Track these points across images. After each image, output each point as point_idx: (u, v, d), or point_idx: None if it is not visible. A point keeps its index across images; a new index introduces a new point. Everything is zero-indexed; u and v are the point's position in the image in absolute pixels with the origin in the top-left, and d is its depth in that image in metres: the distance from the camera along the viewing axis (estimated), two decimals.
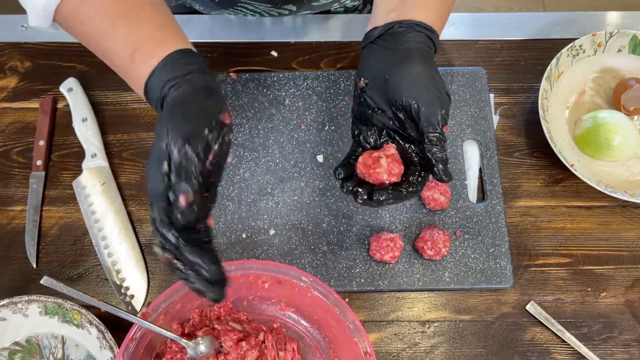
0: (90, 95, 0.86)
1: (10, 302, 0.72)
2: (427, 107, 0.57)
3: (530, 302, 0.76)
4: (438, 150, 0.58)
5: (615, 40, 0.85)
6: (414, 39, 0.59)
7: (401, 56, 0.59)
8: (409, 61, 0.58)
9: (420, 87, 0.57)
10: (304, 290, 0.68)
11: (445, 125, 0.58)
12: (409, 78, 0.58)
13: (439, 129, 0.57)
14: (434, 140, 0.57)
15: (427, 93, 0.57)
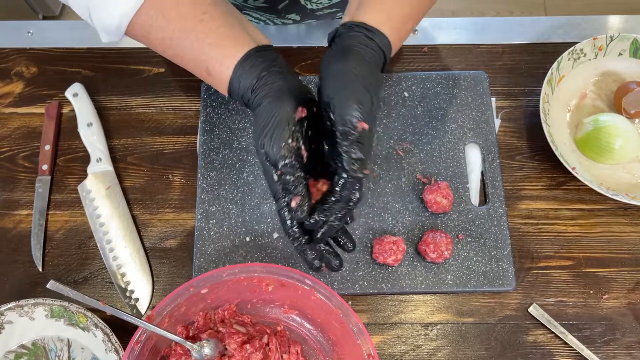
0: (95, 100, 0.87)
1: (17, 305, 0.73)
2: (340, 102, 0.54)
3: (532, 304, 0.77)
4: (347, 144, 0.54)
5: (616, 44, 0.85)
6: (350, 39, 0.59)
7: (333, 56, 0.59)
8: (336, 59, 0.58)
9: (338, 83, 0.56)
10: (307, 293, 0.68)
11: (361, 121, 0.54)
12: (332, 74, 0.57)
13: (350, 125, 0.54)
14: (344, 133, 0.54)
15: (342, 89, 0.55)
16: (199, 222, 0.79)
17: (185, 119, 0.87)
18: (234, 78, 0.58)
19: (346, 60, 0.57)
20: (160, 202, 0.82)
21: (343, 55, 0.58)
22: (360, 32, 0.59)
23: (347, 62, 0.57)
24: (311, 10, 0.81)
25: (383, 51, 0.59)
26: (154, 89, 0.88)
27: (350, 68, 0.56)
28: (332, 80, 0.56)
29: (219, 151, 0.83)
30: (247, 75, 0.58)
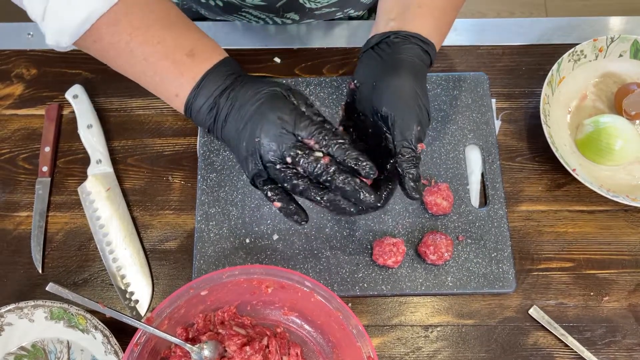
0: (95, 102, 0.87)
1: (17, 307, 0.73)
2: (402, 120, 0.57)
3: (533, 306, 0.76)
4: (409, 166, 0.57)
5: (616, 45, 0.85)
6: (407, 51, 0.60)
7: (391, 67, 0.59)
8: (396, 73, 0.58)
9: (400, 100, 0.57)
10: (307, 295, 0.68)
11: (420, 143, 0.58)
12: (392, 89, 0.58)
13: (412, 145, 0.57)
14: (405, 154, 0.57)
15: (405, 107, 0.57)
16: (199, 223, 0.79)
17: (185, 121, 0.87)
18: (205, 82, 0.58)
19: (406, 76, 0.58)
20: (160, 203, 0.82)
21: (401, 69, 0.58)
22: (417, 45, 0.59)
23: (407, 78, 0.57)
24: (310, 9, 0.81)
25: (432, 62, 0.61)
26: None
27: (410, 85, 0.57)
28: (391, 95, 0.57)
29: (219, 153, 0.83)
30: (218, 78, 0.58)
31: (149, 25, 0.57)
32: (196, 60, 0.57)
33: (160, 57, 0.57)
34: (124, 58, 0.58)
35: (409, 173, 0.57)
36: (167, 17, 0.58)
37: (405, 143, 0.57)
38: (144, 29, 0.57)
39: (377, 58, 0.61)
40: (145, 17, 0.57)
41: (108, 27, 0.56)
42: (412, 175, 0.57)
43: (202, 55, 0.58)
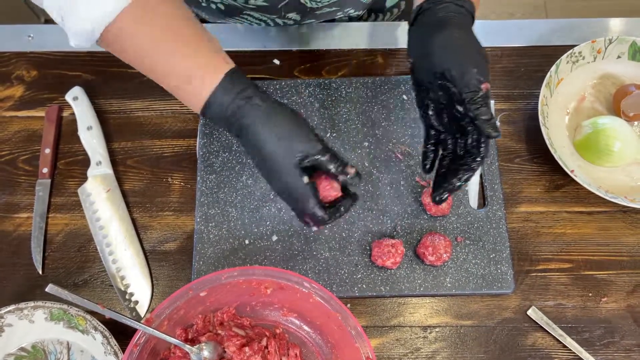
0: (95, 103, 0.87)
1: (17, 308, 0.73)
2: (458, 69, 0.59)
3: (531, 307, 0.77)
4: (477, 107, 0.59)
5: (614, 47, 0.85)
6: (441, 11, 0.62)
7: (431, 30, 0.62)
8: (437, 32, 0.61)
9: (449, 53, 0.60)
10: (306, 296, 0.69)
11: (484, 83, 0.59)
12: (439, 47, 0.60)
13: (473, 87, 0.59)
14: (471, 98, 0.59)
15: (456, 56, 0.60)
16: (199, 225, 0.80)
17: (184, 122, 0.87)
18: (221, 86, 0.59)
19: (447, 30, 0.60)
20: (160, 205, 0.82)
21: (441, 27, 0.61)
22: (449, 3, 0.62)
23: (449, 32, 0.60)
24: (311, 9, 0.81)
25: (472, 14, 0.63)
26: (153, 93, 0.88)
27: (454, 36, 0.60)
28: (441, 52, 0.60)
29: (219, 154, 0.83)
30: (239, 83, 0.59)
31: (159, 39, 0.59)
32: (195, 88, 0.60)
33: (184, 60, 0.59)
34: (141, 59, 0.61)
35: (480, 114, 0.59)
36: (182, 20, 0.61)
37: (466, 89, 0.59)
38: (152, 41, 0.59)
39: (418, 29, 0.64)
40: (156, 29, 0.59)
41: (117, 36, 0.58)
42: (483, 115, 0.59)
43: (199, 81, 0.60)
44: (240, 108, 0.59)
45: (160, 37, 0.59)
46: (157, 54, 0.60)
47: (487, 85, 0.59)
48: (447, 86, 0.61)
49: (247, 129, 0.59)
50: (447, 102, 0.63)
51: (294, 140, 0.59)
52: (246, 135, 0.60)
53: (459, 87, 0.59)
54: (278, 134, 0.59)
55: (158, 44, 0.59)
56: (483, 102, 0.59)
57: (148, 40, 0.59)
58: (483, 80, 0.59)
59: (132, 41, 0.59)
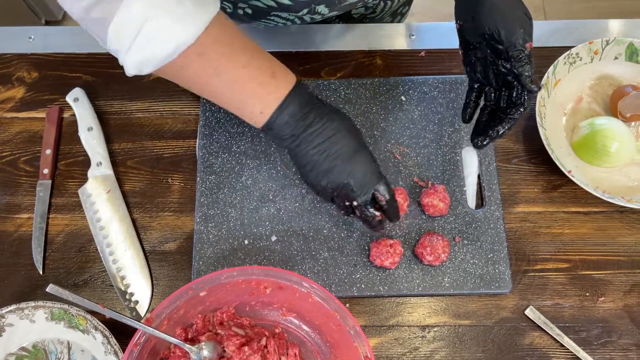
0: (95, 104, 0.88)
1: (17, 308, 0.74)
2: (505, 29, 0.65)
3: (529, 306, 0.77)
4: (520, 64, 0.65)
5: (611, 48, 0.86)
6: None
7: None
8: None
9: (497, 14, 0.65)
10: (305, 296, 0.69)
11: (529, 42, 0.65)
12: (488, 10, 0.66)
13: (519, 46, 0.65)
14: (517, 56, 0.65)
15: (503, 17, 0.65)
16: (198, 225, 0.80)
17: (184, 123, 0.88)
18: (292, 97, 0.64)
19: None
20: (160, 205, 0.83)
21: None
22: None
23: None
24: (339, 1, 0.82)
25: None
26: (153, 94, 0.89)
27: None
28: (489, 14, 0.66)
29: (218, 155, 0.84)
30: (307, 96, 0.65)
31: (234, 52, 0.62)
32: (279, 81, 0.64)
33: (247, 80, 0.63)
34: (210, 83, 0.63)
35: (523, 70, 0.65)
36: (247, 43, 0.64)
37: (513, 47, 0.65)
38: (229, 55, 0.61)
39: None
40: (229, 45, 0.61)
41: (196, 56, 0.59)
42: (526, 72, 0.65)
43: (282, 77, 0.64)
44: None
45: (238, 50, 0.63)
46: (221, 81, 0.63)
47: (530, 44, 0.65)
48: (495, 46, 0.67)
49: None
50: (493, 59, 0.68)
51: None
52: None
53: (506, 46, 0.65)
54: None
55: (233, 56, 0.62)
56: (527, 59, 0.65)
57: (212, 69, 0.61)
58: (528, 40, 0.65)
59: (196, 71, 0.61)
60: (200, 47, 0.58)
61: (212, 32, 0.59)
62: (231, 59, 0.61)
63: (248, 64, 0.63)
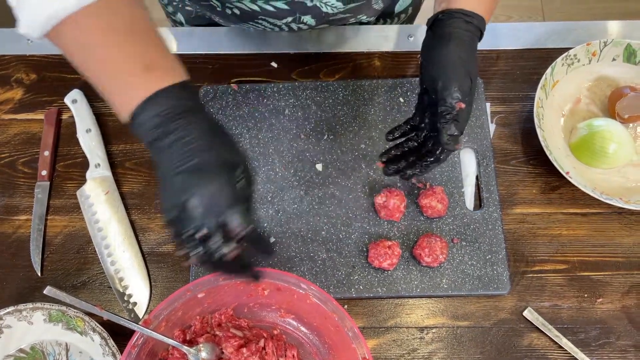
0: (94, 106, 0.88)
1: (15, 310, 0.74)
2: (443, 83, 0.64)
3: (527, 308, 0.77)
4: (445, 121, 0.64)
5: (609, 50, 0.86)
6: (451, 25, 0.66)
7: (435, 41, 0.66)
8: (439, 45, 0.66)
9: (441, 66, 0.65)
10: (303, 297, 0.69)
11: (459, 102, 0.63)
12: (435, 59, 0.65)
13: (448, 104, 0.63)
14: (443, 112, 0.64)
15: (445, 71, 0.64)
16: None
17: None
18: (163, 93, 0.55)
19: (447, 46, 0.65)
20: (158, 207, 0.83)
21: (444, 40, 0.65)
22: (460, 19, 0.65)
23: (448, 48, 0.65)
24: (326, 13, 0.82)
25: (480, 30, 0.67)
26: None
27: (450, 52, 0.64)
28: (434, 65, 0.65)
29: None
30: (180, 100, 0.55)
31: (114, 30, 0.56)
32: (152, 75, 0.56)
33: (117, 64, 0.56)
34: (84, 57, 0.58)
35: (445, 128, 0.64)
36: (134, 26, 0.57)
37: (442, 103, 0.64)
38: (107, 33, 0.56)
39: (429, 37, 0.68)
40: (112, 22, 0.56)
41: (75, 25, 0.56)
42: (448, 130, 0.64)
43: (158, 73, 0.56)
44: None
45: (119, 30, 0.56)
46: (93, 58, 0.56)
47: (461, 105, 0.63)
48: (432, 95, 0.66)
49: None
50: (430, 105, 0.68)
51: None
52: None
53: (438, 100, 0.64)
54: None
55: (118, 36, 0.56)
56: (452, 118, 0.64)
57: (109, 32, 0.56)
58: (459, 99, 0.63)
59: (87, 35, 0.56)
60: (82, 17, 0.55)
61: (99, 5, 0.55)
62: (107, 38, 0.56)
63: (122, 48, 0.56)
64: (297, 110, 0.86)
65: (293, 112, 0.86)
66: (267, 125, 0.86)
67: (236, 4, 0.77)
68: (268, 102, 0.87)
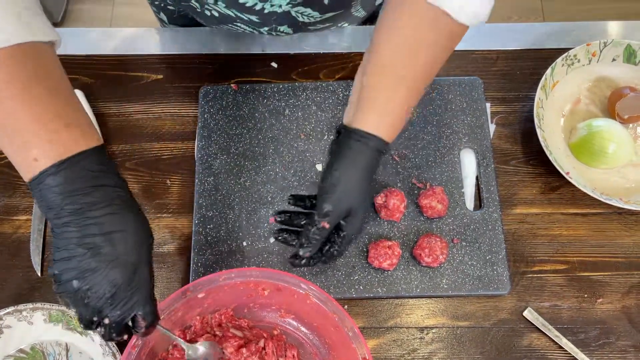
0: (94, 106, 0.88)
1: (16, 310, 0.73)
2: (318, 200, 0.65)
3: (527, 308, 0.77)
4: (304, 235, 0.65)
5: (609, 50, 0.86)
6: (347, 147, 0.64)
7: (331, 154, 0.66)
8: (332, 159, 0.65)
9: (323, 185, 0.65)
10: (303, 298, 0.69)
11: (323, 222, 0.64)
12: (326, 175, 0.65)
13: (316, 218, 0.64)
14: (309, 226, 0.65)
15: (323, 191, 0.64)
16: (197, 227, 0.80)
17: (183, 125, 0.88)
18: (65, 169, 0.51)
19: (337, 166, 0.64)
20: (158, 207, 0.83)
21: (338, 158, 0.64)
22: (357, 141, 0.64)
23: (336, 168, 0.64)
24: (303, 23, 0.82)
25: (379, 150, 0.64)
26: (152, 96, 0.89)
27: (334, 172, 0.64)
28: (325, 181, 0.65)
29: (217, 157, 0.84)
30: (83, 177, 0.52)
31: (30, 80, 0.51)
32: (73, 135, 0.52)
33: (34, 119, 0.51)
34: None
35: (307, 234, 0.65)
36: (56, 83, 0.54)
37: (312, 217, 0.65)
38: (22, 83, 0.51)
39: (332, 147, 0.67)
40: (28, 72, 0.51)
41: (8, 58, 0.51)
42: (306, 237, 0.65)
43: (79, 132, 0.53)
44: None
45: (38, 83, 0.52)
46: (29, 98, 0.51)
47: (324, 225, 0.64)
48: None
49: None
50: None
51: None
52: None
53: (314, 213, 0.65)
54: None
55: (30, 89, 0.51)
56: (310, 235, 0.65)
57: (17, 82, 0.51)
58: (325, 221, 0.64)
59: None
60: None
61: (14, 52, 0.51)
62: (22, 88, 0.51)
63: (43, 102, 0.51)
64: (297, 110, 0.86)
65: (293, 112, 0.86)
66: (267, 126, 0.86)
67: (213, 6, 0.77)
68: (268, 103, 0.87)
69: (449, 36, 0.62)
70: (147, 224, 0.57)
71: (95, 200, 0.53)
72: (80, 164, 0.52)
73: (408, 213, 0.81)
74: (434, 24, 0.61)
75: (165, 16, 0.98)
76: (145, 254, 0.56)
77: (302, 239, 0.66)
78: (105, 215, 0.53)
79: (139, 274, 0.54)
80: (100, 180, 0.53)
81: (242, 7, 0.76)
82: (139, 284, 0.54)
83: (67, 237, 0.52)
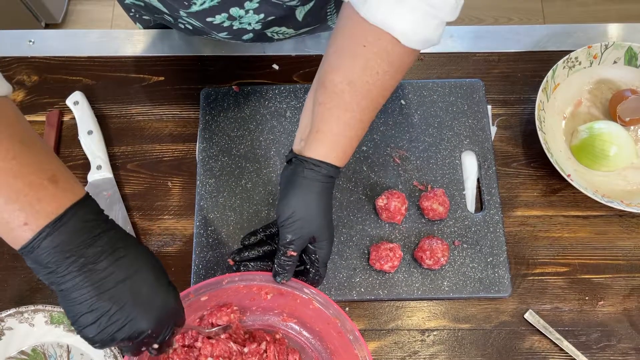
0: (95, 108, 0.88)
1: (17, 312, 0.73)
2: (282, 232, 0.65)
3: (528, 310, 0.77)
4: (280, 261, 0.65)
5: (610, 52, 0.86)
6: (298, 175, 0.64)
7: (284, 186, 0.66)
8: (286, 189, 0.65)
9: (283, 213, 0.64)
10: (306, 302, 0.69)
11: (290, 250, 0.65)
12: (281, 204, 0.65)
13: (282, 251, 0.65)
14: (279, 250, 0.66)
15: (283, 222, 0.64)
16: (198, 229, 0.80)
17: (184, 127, 0.88)
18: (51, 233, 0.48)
19: (292, 196, 0.64)
20: (160, 209, 0.83)
21: (292, 187, 0.64)
22: (308, 169, 0.64)
23: (293, 198, 0.64)
24: (278, 39, 0.82)
25: (332, 176, 0.65)
26: (153, 97, 0.89)
27: (294, 204, 0.64)
28: (281, 209, 0.65)
29: (218, 158, 0.84)
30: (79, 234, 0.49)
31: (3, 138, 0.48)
32: (60, 189, 0.49)
33: (12, 175, 0.48)
34: None
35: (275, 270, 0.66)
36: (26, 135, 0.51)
37: (281, 246, 0.65)
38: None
39: (284, 173, 0.68)
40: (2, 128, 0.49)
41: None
42: (276, 272, 0.66)
43: (65, 184, 0.50)
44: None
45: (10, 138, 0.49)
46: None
47: (291, 253, 0.65)
48: None
49: None
50: None
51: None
52: None
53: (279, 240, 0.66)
54: None
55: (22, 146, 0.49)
56: (285, 259, 0.65)
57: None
58: (290, 249, 0.65)
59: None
60: None
61: None
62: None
63: (18, 156, 0.48)
64: (298, 112, 0.86)
65: (294, 114, 0.86)
66: (269, 128, 0.86)
67: (187, 19, 0.77)
68: (269, 104, 0.87)
69: (399, 63, 0.62)
70: (148, 249, 0.56)
71: (99, 250, 0.50)
72: (76, 217, 0.49)
73: (409, 215, 0.81)
74: (383, 52, 0.60)
75: (142, 25, 0.98)
76: (163, 277, 0.55)
77: (276, 267, 0.66)
78: (116, 261, 0.51)
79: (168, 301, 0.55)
80: (97, 228, 0.51)
81: (211, 25, 0.75)
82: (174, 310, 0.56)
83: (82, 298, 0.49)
